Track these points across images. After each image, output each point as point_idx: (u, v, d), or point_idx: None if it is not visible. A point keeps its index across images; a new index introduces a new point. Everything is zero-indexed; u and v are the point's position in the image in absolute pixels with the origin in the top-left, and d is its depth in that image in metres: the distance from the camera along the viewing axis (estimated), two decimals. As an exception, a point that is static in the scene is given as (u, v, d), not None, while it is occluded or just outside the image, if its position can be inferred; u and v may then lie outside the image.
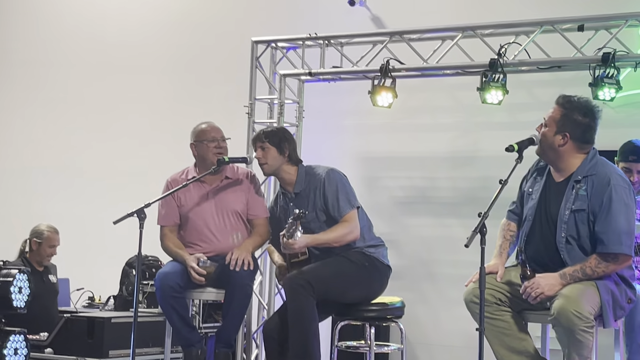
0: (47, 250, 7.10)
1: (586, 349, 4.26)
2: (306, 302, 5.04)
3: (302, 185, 5.42)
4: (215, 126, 5.84)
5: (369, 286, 5.33)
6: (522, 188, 4.80)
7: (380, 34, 7.13)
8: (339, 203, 5.29)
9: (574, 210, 4.46)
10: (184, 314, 5.51)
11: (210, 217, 5.68)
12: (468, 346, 5.96)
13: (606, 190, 4.41)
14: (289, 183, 5.48)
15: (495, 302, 4.54)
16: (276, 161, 5.45)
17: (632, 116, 6.69)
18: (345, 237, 5.27)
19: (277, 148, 5.44)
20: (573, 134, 4.50)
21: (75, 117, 9.16)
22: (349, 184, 5.43)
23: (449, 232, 7.21)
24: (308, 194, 5.38)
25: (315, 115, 7.44)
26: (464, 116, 7.38)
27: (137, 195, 5.80)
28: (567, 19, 6.41)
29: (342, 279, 5.24)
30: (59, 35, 9.41)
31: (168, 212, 5.73)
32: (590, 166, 4.51)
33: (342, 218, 5.29)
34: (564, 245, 4.47)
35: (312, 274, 5.13)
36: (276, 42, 7.36)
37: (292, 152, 5.50)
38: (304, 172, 5.46)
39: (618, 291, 4.43)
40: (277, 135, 5.51)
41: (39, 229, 7.13)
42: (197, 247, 5.64)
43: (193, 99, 8.53)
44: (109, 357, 6.22)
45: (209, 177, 5.70)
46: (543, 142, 4.56)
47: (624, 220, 4.39)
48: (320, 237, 5.27)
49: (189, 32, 8.72)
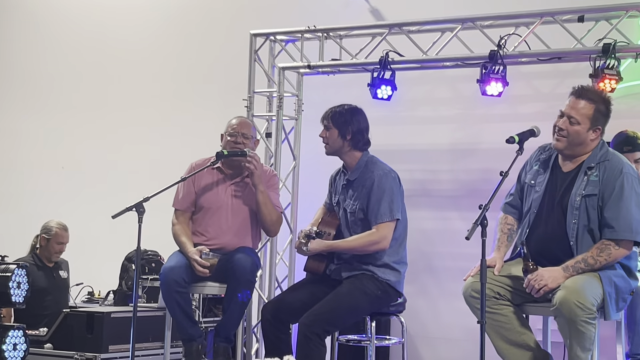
0: (55, 247, 7.16)
1: (588, 340, 4.25)
2: (318, 353, 4.95)
3: (357, 175, 5.27)
4: (245, 122, 5.79)
5: (378, 310, 5.27)
6: (522, 180, 4.77)
7: (379, 26, 7.10)
8: (380, 210, 5.12)
9: (585, 196, 4.45)
10: (187, 309, 5.48)
11: (223, 211, 5.66)
12: (469, 339, 5.96)
13: (618, 177, 4.42)
14: (349, 166, 5.34)
15: (494, 296, 4.52)
16: (336, 143, 5.29)
17: (633, 107, 6.66)
18: (369, 247, 5.13)
19: (339, 130, 5.28)
20: (604, 127, 4.54)
21: (73, 114, 9.14)
22: (399, 192, 5.22)
23: (450, 224, 7.19)
24: (359, 186, 5.24)
25: (314, 109, 7.38)
26: (464, 108, 7.35)
27: (136, 190, 5.77)
28: (567, 10, 6.39)
29: (355, 314, 5.19)
30: (57, 34, 9.39)
31: (185, 197, 5.71)
32: (602, 154, 4.52)
33: (376, 225, 5.13)
34: (574, 232, 4.45)
35: (326, 317, 5.02)
36: (275, 35, 7.34)
37: (357, 136, 5.27)
38: (364, 162, 5.29)
39: (622, 283, 4.42)
40: (342, 117, 5.31)
41: (49, 225, 7.20)
42: (202, 236, 5.64)
43: (192, 93, 8.51)
44: (109, 352, 6.20)
45: (230, 171, 5.69)
46: (574, 139, 4.51)
47: (635, 208, 4.40)
48: (338, 245, 5.19)
49: (187, 26, 8.70)
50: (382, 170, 5.24)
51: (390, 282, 5.18)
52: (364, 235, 5.16)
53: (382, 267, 5.17)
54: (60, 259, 7.28)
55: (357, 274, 5.16)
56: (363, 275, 5.15)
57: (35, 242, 7.21)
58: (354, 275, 5.17)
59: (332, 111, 5.37)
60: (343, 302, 5.08)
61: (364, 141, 5.33)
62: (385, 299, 5.21)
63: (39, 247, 7.16)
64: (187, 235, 5.63)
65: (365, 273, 5.15)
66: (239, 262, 5.41)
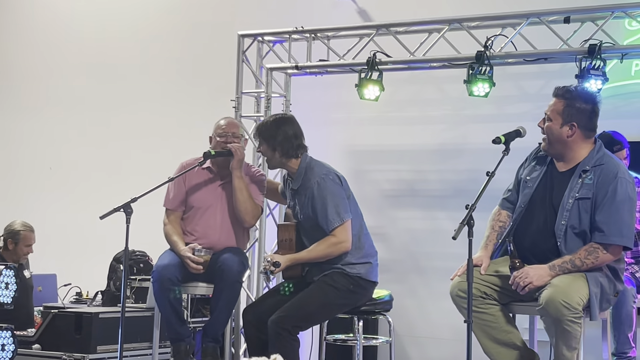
0: (23, 250, 7.04)
1: (574, 339, 4.26)
2: (291, 348, 4.94)
3: (299, 183, 5.24)
4: (233, 122, 5.79)
5: (355, 303, 5.25)
6: (519, 175, 4.77)
7: (366, 27, 7.13)
8: (328, 216, 5.09)
9: (578, 199, 4.45)
10: (177, 308, 5.48)
11: (212, 210, 5.66)
12: (456, 339, 5.98)
13: (612, 182, 4.41)
14: (292, 175, 5.31)
15: (481, 296, 4.53)
16: (271, 157, 5.27)
17: (619, 108, 6.70)
18: (331, 254, 5.11)
19: (268, 144, 5.26)
20: (580, 123, 4.50)
21: (60, 116, 9.12)
22: (341, 191, 5.16)
23: (437, 224, 7.21)
24: (303, 195, 5.22)
25: (302, 109, 7.42)
26: (451, 109, 7.38)
27: (124, 191, 5.77)
28: (553, 11, 6.42)
29: (328, 309, 5.18)
30: (43, 34, 9.38)
31: (176, 196, 5.70)
32: (598, 157, 4.51)
33: (330, 232, 5.10)
34: (562, 234, 4.46)
35: (298, 313, 5.03)
36: (262, 36, 7.35)
37: (286, 145, 5.20)
38: (303, 169, 5.23)
39: (607, 284, 4.44)
40: (268, 130, 5.26)
41: (15, 228, 7.04)
42: (191, 236, 5.63)
43: (180, 94, 8.51)
44: (97, 352, 6.19)
45: (220, 170, 5.67)
46: (550, 137, 4.54)
47: (627, 213, 4.40)
48: (300, 257, 5.16)
49: (175, 27, 8.69)
50: (319, 175, 5.17)
51: (361, 274, 5.17)
52: (323, 241, 5.12)
53: (349, 265, 5.16)
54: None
55: (327, 273, 5.16)
56: (334, 273, 5.15)
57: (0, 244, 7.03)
58: (325, 274, 5.17)
59: (259, 125, 5.40)
60: (313, 298, 5.09)
61: (294, 147, 5.23)
62: (360, 292, 5.20)
63: (4, 249, 6.97)
64: (179, 234, 5.63)
65: (336, 270, 5.15)
66: (225, 262, 5.42)
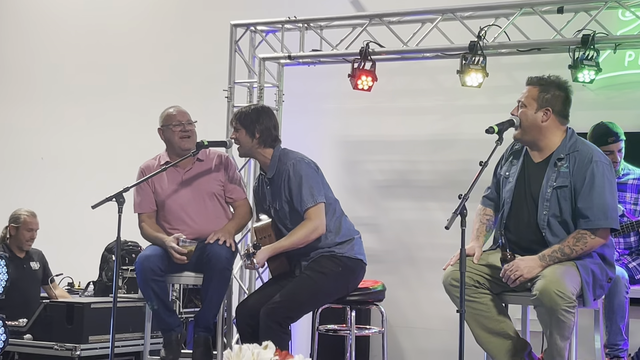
0: (25, 235, 7.02)
1: (568, 329, 4.27)
2: (280, 341, 4.89)
3: (274, 171, 5.26)
4: (182, 110, 5.77)
5: (346, 287, 5.25)
6: (497, 173, 4.81)
7: (359, 17, 7.11)
8: (302, 197, 5.13)
9: (556, 187, 4.48)
10: (164, 298, 5.47)
11: (187, 201, 5.64)
12: (448, 329, 5.98)
13: (589, 166, 4.44)
14: (265, 165, 5.35)
15: (474, 285, 4.54)
16: (246, 142, 5.29)
17: (612, 98, 6.70)
18: (308, 237, 5.13)
19: (247, 129, 5.28)
20: (555, 108, 4.55)
21: (52, 105, 9.09)
22: (316, 175, 5.22)
23: (430, 215, 7.21)
24: (279, 180, 5.25)
25: (295, 99, 7.42)
26: (445, 99, 7.37)
27: (116, 181, 5.75)
28: (546, 1, 6.40)
29: (319, 296, 5.19)
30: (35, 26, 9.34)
31: (144, 199, 5.68)
32: (571, 144, 4.54)
33: (305, 213, 5.14)
34: (546, 224, 4.48)
35: (288, 304, 5.03)
36: (255, 26, 7.33)
37: (265, 134, 5.27)
38: (277, 157, 5.28)
39: (598, 270, 4.45)
40: (249, 117, 5.30)
41: (17, 213, 7.08)
42: (175, 231, 5.58)
43: (172, 84, 8.47)
44: (89, 342, 6.20)
45: (179, 161, 5.63)
46: (524, 123, 4.57)
47: (608, 194, 4.42)
48: (281, 245, 5.15)
49: (167, 16, 8.67)
50: (294, 158, 5.25)
51: (347, 253, 5.18)
52: (299, 228, 5.14)
53: (336, 246, 5.19)
54: (32, 250, 7.13)
55: (314, 258, 5.18)
56: (321, 257, 5.16)
57: (5, 233, 7.05)
58: (312, 259, 5.18)
59: (239, 112, 5.41)
60: (302, 287, 5.10)
61: (272, 138, 5.30)
62: (348, 274, 5.20)
63: (9, 237, 7.01)
64: (158, 230, 5.61)
65: (323, 254, 5.17)
66: (213, 249, 5.41)
